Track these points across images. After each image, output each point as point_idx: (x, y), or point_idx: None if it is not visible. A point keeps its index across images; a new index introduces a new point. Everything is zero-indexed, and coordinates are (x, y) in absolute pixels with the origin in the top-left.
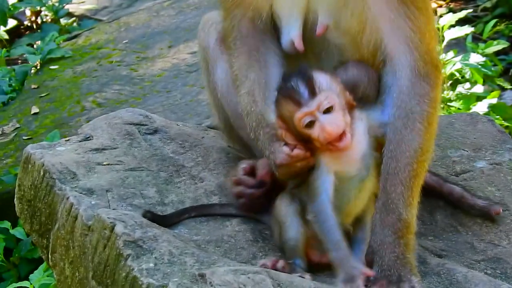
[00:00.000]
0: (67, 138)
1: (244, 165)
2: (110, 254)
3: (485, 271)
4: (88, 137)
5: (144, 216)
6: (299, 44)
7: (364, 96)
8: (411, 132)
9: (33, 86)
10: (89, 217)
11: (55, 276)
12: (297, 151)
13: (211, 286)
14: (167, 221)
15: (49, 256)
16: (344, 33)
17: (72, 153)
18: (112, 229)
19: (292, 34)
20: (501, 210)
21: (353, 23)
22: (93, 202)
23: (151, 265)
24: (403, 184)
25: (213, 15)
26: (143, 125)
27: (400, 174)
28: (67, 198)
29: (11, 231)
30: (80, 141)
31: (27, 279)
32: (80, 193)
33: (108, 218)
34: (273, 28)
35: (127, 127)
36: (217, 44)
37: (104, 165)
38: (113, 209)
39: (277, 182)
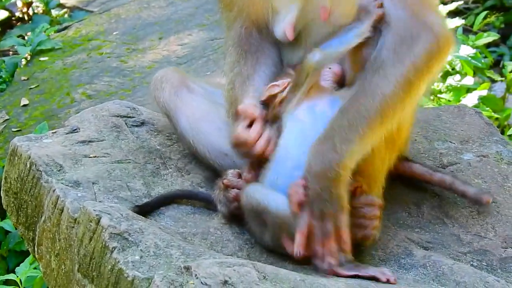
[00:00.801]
0: (54, 130)
1: (231, 171)
2: (96, 246)
3: (471, 263)
4: (75, 129)
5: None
6: (289, 32)
7: None
8: (384, 80)
9: (23, 78)
10: (75, 210)
11: (41, 268)
12: (254, 130)
13: (197, 278)
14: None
15: (35, 248)
16: (347, 15)
17: (59, 145)
18: (98, 221)
19: (285, 22)
20: (491, 200)
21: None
22: (79, 195)
23: (137, 257)
24: (349, 122)
25: (163, 72)
26: (130, 117)
27: (351, 112)
28: (54, 191)
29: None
30: (67, 133)
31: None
32: (67, 185)
33: (94, 210)
34: (271, 36)
35: (114, 119)
36: (172, 94)
37: (91, 157)
38: (100, 202)
39: None
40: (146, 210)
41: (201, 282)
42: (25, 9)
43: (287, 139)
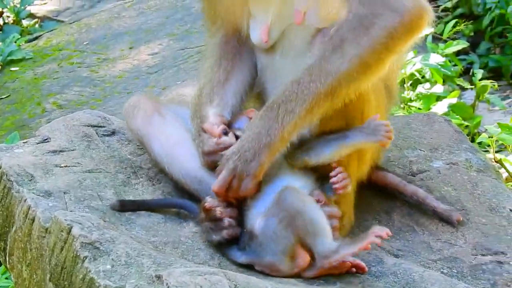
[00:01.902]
0: (25, 140)
1: (208, 197)
2: (67, 256)
3: (441, 270)
4: (46, 139)
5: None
6: (264, 36)
7: None
8: (339, 59)
9: None
10: (47, 219)
11: (12, 278)
12: (223, 139)
13: (168, 287)
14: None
15: (7, 258)
16: (322, 18)
17: (30, 155)
18: (69, 231)
19: (261, 26)
20: (461, 218)
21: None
22: (50, 204)
23: (108, 267)
24: (298, 95)
25: (135, 99)
26: (101, 126)
27: (302, 85)
28: (25, 201)
29: None
30: (37, 143)
31: None
32: (38, 195)
33: (65, 220)
34: (250, 45)
35: (84, 129)
36: (144, 121)
37: (62, 167)
38: (71, 211)
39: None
40: (128, 207)
41: None
42: None
43: None
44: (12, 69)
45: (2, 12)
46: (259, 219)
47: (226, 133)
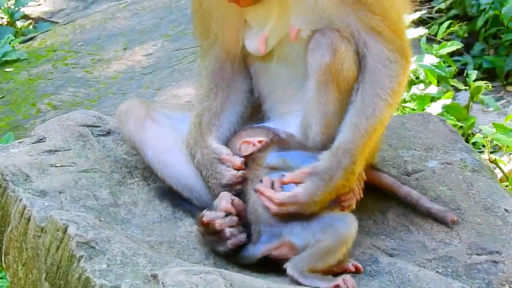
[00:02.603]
0: (20, 140)
1: (205, 211)
2: (63, 255)
3: (436, 269)
4: (41, 139)
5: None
6: (262, 47)
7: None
8: (376, 100)
9: None
10: (42, 219)
11: (8, 278)
12: (241, 173)
13: (163, 286)
14: None
15: (3, 258)
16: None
17: (25, 155)
18: (65, 230)
19: (258, 37)
20: (456, 218)
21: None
22: (46, 204)
23: (104, 266)
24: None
25: (128, 105)
26: (96, 126)
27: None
28: (20, 200)
29: None
30: (33, 143)
31: None
32: (33, 194)
33: (61, 219)
34: (244, 69)
35: (80, 129)
36: (137, 127)
37: (57, 166)
38: (66, 211)
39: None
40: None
41: None
42: None
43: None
44: (7, 70)
45: None
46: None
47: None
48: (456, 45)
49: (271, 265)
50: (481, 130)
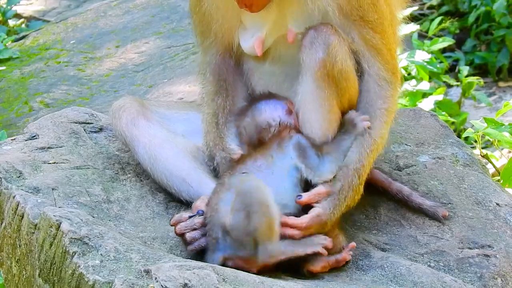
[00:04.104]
0: (13, 137)
1: (176, 215)
2: (57, 251)
3: (428, 263)
4: (34, 136)
5: None
6: (258, 48)
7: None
8: (376, 122)
9: None
10: (35, 215)
11: (2, 275)
12: None
13: (157, 281)
14: None
15: None
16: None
17: (18, 152)
18: (58, 227)
19: (254, 38)
20: (447, 214)
21: None
22: (39, 201)
23: (97, 262)
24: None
25: (121, 101)
26: (88, 123)
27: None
28: (14, 197)
29: None
30: (26, 140)
31: None
32: (26, 191)
33: (54, 216)
34: (242, 64)
35: (72, 126)
36: (129, 123)
37: (50, 163)
38: (59, 207)
39: None
40: None
41: (161, 285)
42: None
43: None
44: None
45: None
46: (228, 216)
47: None
48: (447, 41)
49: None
50: (472, 125)
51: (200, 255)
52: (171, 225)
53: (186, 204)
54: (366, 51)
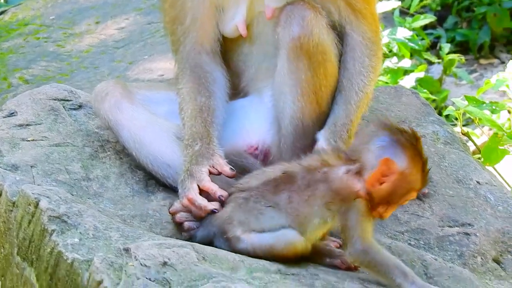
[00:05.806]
0: None
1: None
2: (35, 229)
3: (408, 242)
4: (12, 113)
5: None
6: (242, 29)
7: None
8: (361, 77)
9: None
10: (14, 193)
11: None
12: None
13: (136, 260)
14: None
15: None
16: None
17: None
18: (36, 204)
19: (236, 19)
20: (427, 191)
21: None
22: (17, 178)
23: (76, 240)
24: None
25: (104, 84)
26: (67, 100)
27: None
28: None
29: None
30: (4, 117)
31: None
32: (5, 169)
33: (32, 193)
34: (217, 54)
35: (51, 103)
36: (112, 106)
37: (29, 141)
38: (38, 185)
39: None
40: None
41: (141, 264)
42: None
43: None
44: None
45: None
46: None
47: None
48: (429, 18)
49: None
50: (453, 103)
51: (180, 233)
52: (170, 213)
53: (171, 188)
54: (351, 15)
